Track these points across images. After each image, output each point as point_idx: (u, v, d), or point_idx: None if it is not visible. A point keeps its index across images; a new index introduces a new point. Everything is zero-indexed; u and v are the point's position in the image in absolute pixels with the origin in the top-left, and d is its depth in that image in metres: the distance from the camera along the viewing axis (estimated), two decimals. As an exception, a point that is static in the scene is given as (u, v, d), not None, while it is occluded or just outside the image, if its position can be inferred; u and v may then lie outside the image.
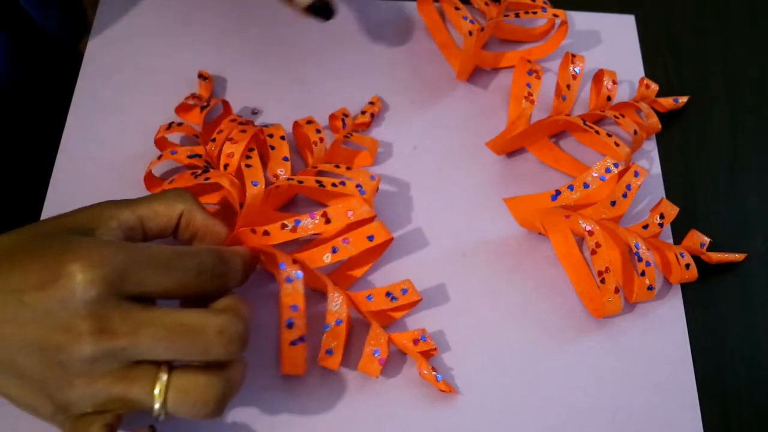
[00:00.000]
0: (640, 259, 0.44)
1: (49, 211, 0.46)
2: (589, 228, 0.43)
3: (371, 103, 0.51)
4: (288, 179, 0.44)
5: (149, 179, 0.46)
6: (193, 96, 0.50)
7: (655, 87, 0.53)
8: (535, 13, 0.52)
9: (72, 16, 0.60)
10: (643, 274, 0.44)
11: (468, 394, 0.43)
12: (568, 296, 0.46)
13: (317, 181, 0.43)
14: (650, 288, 0.44)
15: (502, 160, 0.51)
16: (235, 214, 0.43)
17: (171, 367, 0.34)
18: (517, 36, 0.55)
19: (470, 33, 0.49)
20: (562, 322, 0.45)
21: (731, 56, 0.57)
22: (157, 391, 0.33)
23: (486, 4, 0.54)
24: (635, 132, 0.49)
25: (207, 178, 0.43)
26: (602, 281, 0.43)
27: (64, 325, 0.32)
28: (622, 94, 0.53)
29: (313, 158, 0.47)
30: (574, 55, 0.51)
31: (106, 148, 0.49)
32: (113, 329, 0.32)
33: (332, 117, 0.50)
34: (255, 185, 0.42)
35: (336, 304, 0.40)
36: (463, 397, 0.42)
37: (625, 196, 0.45)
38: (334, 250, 0.41)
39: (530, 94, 0.49)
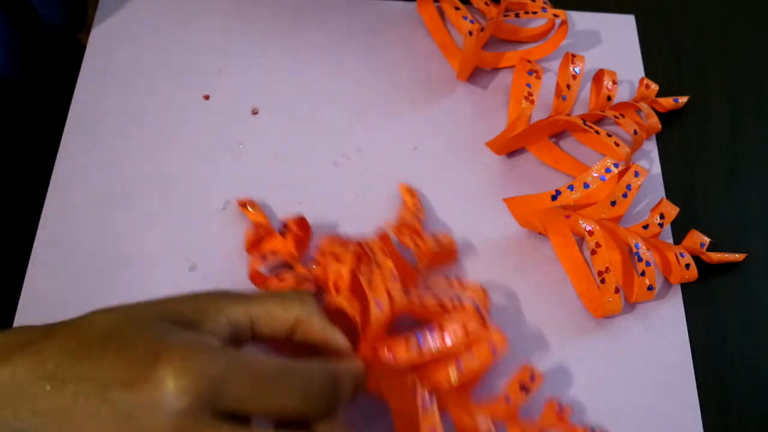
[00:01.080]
0: (640, 259, 0.44)
1: (50, 211, 0.47)
2: (589, 228, 0.43)
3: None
4: (406, 299, 0.40)
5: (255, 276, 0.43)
6: (255, 227, 0.45)
7: (655, 87, 0.53)
8: (535, 13, 0.52)
9: (72, 2, 0.59)
10: (643, 274, 0.44)
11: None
12: (568, 296, 0.46)
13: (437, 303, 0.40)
14: (650, 288, 0.44)
15: (502, 160, 0.51)
16: (352, 326, 0.40)
17: None
18: (517, 36, 0.55)
19: (470, 33, 0.49)
20: (562, 322, 0.45)
21: (731, 56, 0.57)
22: None
23: (486, 4, 0.54)
24: (635, 132, 0.49)
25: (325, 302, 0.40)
26: (602, 281, 0.43)
27: None
28: (622, 94, 0.53)
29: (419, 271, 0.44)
30: (574, 55, 0.51)
31: (106, 147, 0.49)
32: None
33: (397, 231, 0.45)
34: (379, 307, 0.39)
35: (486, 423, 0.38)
36: (463, 397, 0.42)
37: (625, 196, 0.45)
38: (458, 366, 0.38)
39: (530, 94, 0.49)
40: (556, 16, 0.52)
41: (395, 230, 0.44)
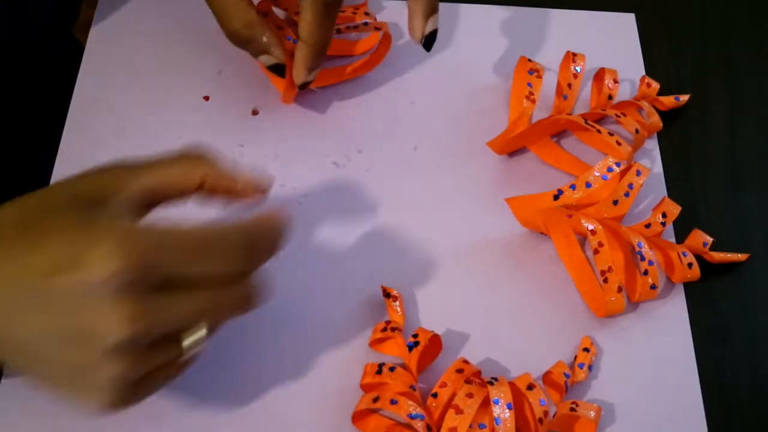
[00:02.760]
0: (642, 258, 0.44)
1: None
2: (591, 227, 0.43)
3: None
4: None
5: (359, 416, 0.41)
6: (387, 324, 0.43)
7: (656, 85, 0.53)
8: (356, 27, 0.50)
9: None
10: (646, 273, 0.44)
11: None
12: (571, 295, 0.46)
13: None
14: (653, 287, 0.44)
15: (503, 160, 0.50)
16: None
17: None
18: (343, 51, 0.53)
19: (293, 55, 0.47)
20: (564, 321, 0.45)
21: (732, 54, 0.56)
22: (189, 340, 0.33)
23: None
24: (637, 131, 0.49)
25: None
26: (605, 281, 0.43)
27: (89, 312, 0.30)
28: (622, 93, 0.53)
29: None
30: (575, 54, 0.51)
31: (106, 147, 0.49)
32: (139, 315, 0.30)
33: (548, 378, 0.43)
34: None
35: None
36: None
37: (627, 195, 0.45)
38: None
39: (531, 94, 0.49)
40: (378, 29, 0.50)
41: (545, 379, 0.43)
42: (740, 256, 0.48)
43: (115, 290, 0.30)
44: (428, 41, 0.46)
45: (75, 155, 0.48)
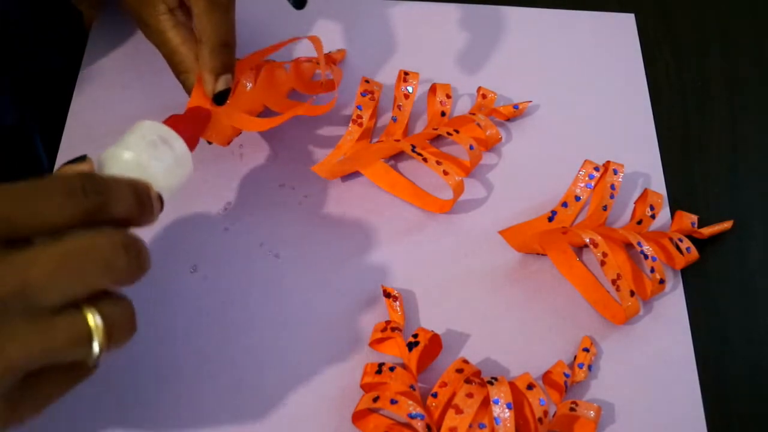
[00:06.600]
0: (646, 257, 0.44)
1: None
2: (591, 239, 0.42)
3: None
4: None
5: (359, 415, 0.41)
6: (387, 324, 0.43)
7: (492, 96, 0.51)
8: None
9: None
10: (652, 270, 0.44)
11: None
12: (571, 296, 0.46)
13: None
14: (662, 281, 0.44)
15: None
16: None
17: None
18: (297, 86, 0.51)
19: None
20: (564, 321, 0.45)
21: (732, 54, 0.57)
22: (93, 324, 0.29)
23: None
24: (471, 147, 0.47)
25: None
26: (617, 289, 0.43)
27: None
28: (615, 90, 0.53)
29: None
30: (407, 73, 0.49)
31: (106, 148, 0.49)
32: None
33: None
34: None
35: None
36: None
37: (612, 197, 0.45)
38: None
39: (359, 117, 0.47)
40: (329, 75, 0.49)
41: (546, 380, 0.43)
42: (726, 225, 0.48)
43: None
44: (220, 97, 0.44)
45: (75, 156, 0.48)
